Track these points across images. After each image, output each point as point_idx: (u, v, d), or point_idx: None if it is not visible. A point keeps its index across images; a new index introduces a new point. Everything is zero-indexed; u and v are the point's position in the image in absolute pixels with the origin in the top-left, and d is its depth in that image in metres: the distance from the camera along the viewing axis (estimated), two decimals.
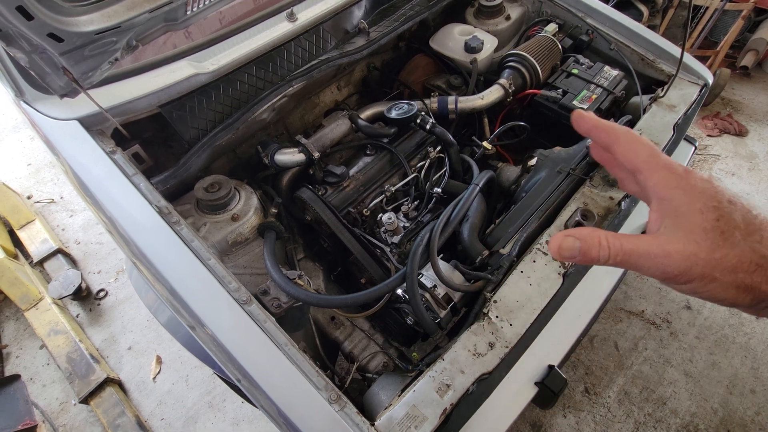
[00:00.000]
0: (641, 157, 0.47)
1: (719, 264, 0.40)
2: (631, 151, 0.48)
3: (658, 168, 0.45)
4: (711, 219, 0.41)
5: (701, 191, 0.43)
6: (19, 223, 2.70)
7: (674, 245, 0.42)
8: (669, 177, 0.45)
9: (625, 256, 0.44)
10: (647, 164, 0.46)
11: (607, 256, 0.45)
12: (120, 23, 1.03)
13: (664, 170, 0.45)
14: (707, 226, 0.41)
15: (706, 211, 0.41)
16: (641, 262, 0.44)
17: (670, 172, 0.45)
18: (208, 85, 1.37)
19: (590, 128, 0.52)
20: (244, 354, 0.95)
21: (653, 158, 0.46)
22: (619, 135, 0.49)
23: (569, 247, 0.46)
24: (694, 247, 0.41)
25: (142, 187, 1.13)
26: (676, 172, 0.45)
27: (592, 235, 0.46)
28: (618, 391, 2.06)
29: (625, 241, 0.44)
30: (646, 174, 0.46)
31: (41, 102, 1.23)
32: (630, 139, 0.48)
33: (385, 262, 1.27)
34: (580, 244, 0.46)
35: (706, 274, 0.41)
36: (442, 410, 0.94)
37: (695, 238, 0.41)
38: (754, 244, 0.40)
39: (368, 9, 1.72)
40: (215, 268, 1.04)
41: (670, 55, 1.60)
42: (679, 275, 0.42)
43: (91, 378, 2.11)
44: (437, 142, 1.55)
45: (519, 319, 1.07)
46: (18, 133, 3.46)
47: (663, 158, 0.46)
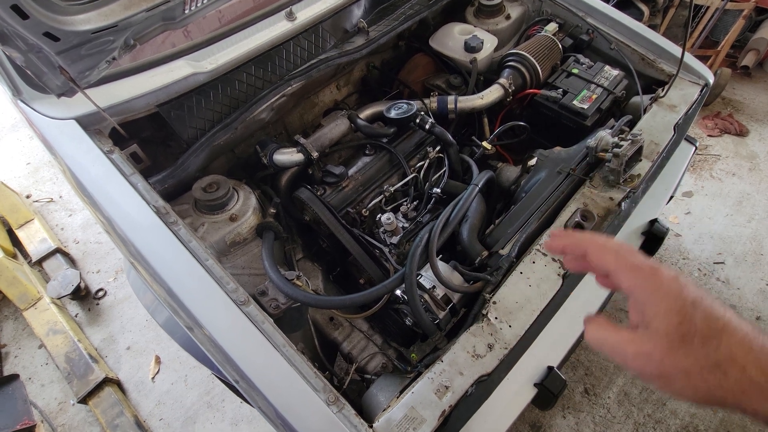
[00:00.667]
0: (610, 262, 0.51)
1: (673, 366, 0.43)
2: (601, 258, 0.52)
3: (626, 269, 0.49)
4: (674, 322, 0.44)
5: (666, 293, 0.45)
6: (18, 223, 2.70)
7: (636, 344, 0.46)
8: (636, 278, 0.48)
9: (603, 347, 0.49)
10: (616, 266, 0.50)
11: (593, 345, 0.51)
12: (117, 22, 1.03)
13: (632, 271, 0.48)
14: (669, 329, 0.44)
15: (669, 314, 0.44)
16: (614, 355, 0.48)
17: (637, 272, 0.48)
18: (206, 84, 1.36)
19: (563, 248, 0.57)
20: (241, 355, 0.95)
21: (620, 260, 0.50)
22: (587, 245, 0.54)
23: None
24: (650, 347, 0.44)
25: (140, 187, 1.13)
26: (643, 272, 0.48)
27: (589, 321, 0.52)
28: (618, 392, 2.06)
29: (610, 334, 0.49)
30: (617, 276, 0.50)
31: (38, 101, 1.22)
32: (598, 247, 0.53)
33: (384, 263, 1.27)
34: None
35: (662, 374, 0.44)
36: (441, 412, 0.94)
37: (655, 340, 0.44)
38: (709, 350, 0.42)
39: (368, 8, 1.71)
40: (213, 269, 1.03)
41: (670, 55, 1.59)
42: (641, 373, 0.46)
43: (90, 378, 2.10)
44: (437, 142, 1.55)
45: (518, 320, 1.07)
46: (17, 132, 3.45)
47: (630, 259, 0.49)
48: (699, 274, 2.41)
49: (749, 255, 2.47)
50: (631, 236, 1.30)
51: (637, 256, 0.50)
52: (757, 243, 2.52)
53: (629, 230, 1.29)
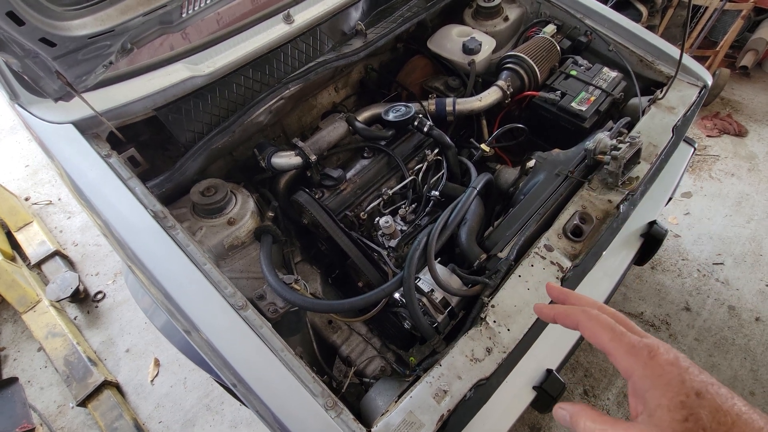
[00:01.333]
0: (604, 341, 0.48)
1: None
2: (594, 336, 0.49)
3: (622, 353, 0.46)
4: (678, 419, 0.41)
5: (667, 383, 0.42)
6: (17, 225, 2.70)
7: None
8: (635, 364, 0.45)
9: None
10: (611, 348, 0.47)
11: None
12: (114, 27, 1.03)
13: (629, 356, 0.45)
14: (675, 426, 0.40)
15: (673, 408, 0.41)
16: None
17: (636, 358, 0.45)
18: (204, 87, 1.36)
19: (554, 317, 0.54)
20: (239, 359, 0.95)
21: (615, 341, 0.47)
22: (579, 319, 0.51)
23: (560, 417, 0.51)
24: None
25: (138, 191, 1.13)
26: (640, 356, 0.45)
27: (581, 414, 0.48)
28: (617, 393, 2.05)
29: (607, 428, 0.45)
30: (615, 359, 0.47)
31: (36, 105, 1.22)
32: (589, 323, 0.50)
33: (382, 266, 1.26)
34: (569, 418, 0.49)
35: None
36: (439, 416, 0.93)
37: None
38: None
39: (365, 10, 1.71)
40: (211, 273, 1.03)
41: (669, 57, 1.59)
42: None
43: (89, 381, 2.10)
44: (435, 145, 1.54)
45: (517, 323, 1.06)
46: (15, 135, 3.45)
47: (625, 340, 0.46)
48: (698, 275, 2.41)
49: (748, 255, 2.47)
50: (630, 238, 1.30)
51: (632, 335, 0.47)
52: (756, 243, 2.52)
53: (628, 232, 1.29)
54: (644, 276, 2.43)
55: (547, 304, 0.58)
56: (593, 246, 1.19)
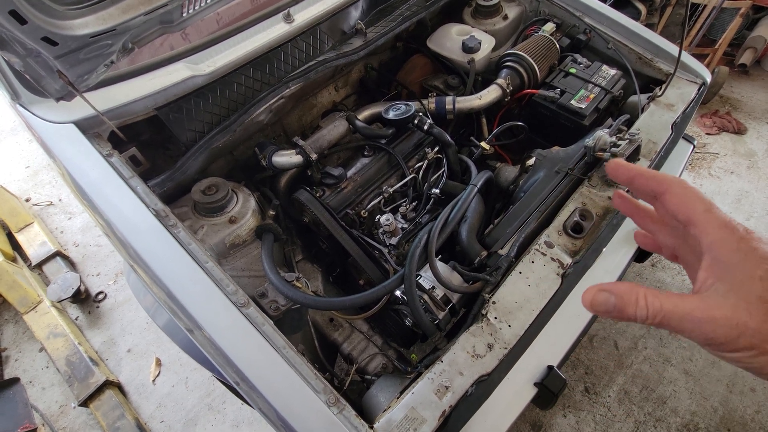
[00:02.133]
0: (698, 211, 0.44)
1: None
2: (686, 203, 0.45)
3: (717, 225, 0.42)
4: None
5: (762, 257, 0.39)
6: (18, 226, 2.70)
7: (722, 311, 0.39)
8: (729, 237, 0.41)
9: (665, 318, 0.42)
10: (705, 219, 0.43)
11: (645, 316, 0.42)
12: (115, 26, 1.03)
13: (724, 229, 0.42)
14: (765, 295, 0.38)
15: (766, 279, 0.38)
16: (683, 325, 0.41)
17: (731, 233, 0.41)
18: (204, 87, 1.36)
19: (633, 176, 0.49)
20: (242, 357, 0.95)
21: (711, 213, 0.43)
22: (671, 184, 0.46)
23: (602, 302, 0.45)
24: (745, 315, 0.38)
25: (139, 190, 1.13)
26: (737, 232, 0.41)
27: (630, 292, 0.43)
28: (618, 391, 2.06)
29: (666, 301, 0.42)
30: (703, 229, 0.43)
31: (37, 105, 1.23)
32: (684, 189, 0.45)
33: (383, 264, 1.27)
34: (615, 300, 0.44)
35: (755, 345, 0.38)
36: (441, 412, 0.94)
37: (748, 307, 0.38)
38: None
39: (365, 9, 1.71)
40: (213, 271, 1.03)
41: (668, 54, 1.60)
42: (725, 344, 0.39)
43: (91, 381, 2.10)
44: (435, 143, 1.55)
45: (518, 320, 1.07)
46: (16, 136, 3.45)
47: (722, 215, 0.43)
48: None
49: None
50: (630, 235, 1.30)
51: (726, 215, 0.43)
52: None
53: (628, 229, 1.30)
54: (644, 273, 2.44)
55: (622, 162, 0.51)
56: (593, 242, 1.19)
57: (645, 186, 0.48)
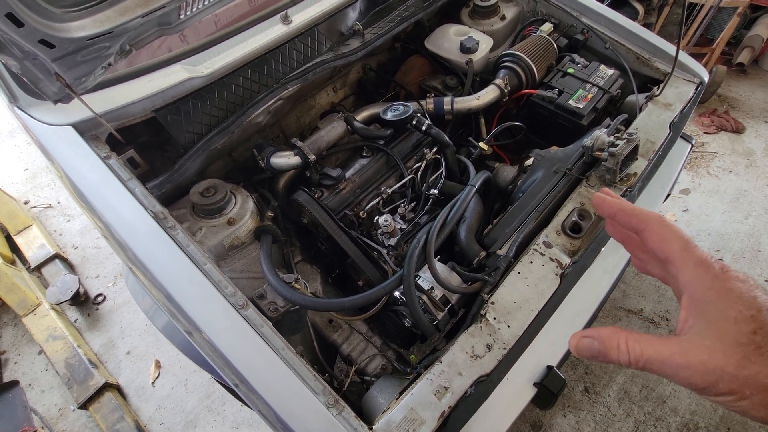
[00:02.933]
0: (674, 249, 0.44)
1: (749, 382, 0.37)
2: (664, 241, 0.45)
3: (692, 264, 0.42)
4: (746, 331, 0.38)
5: (738, 296, 0.39)
6: (16, 229, 2.70)
7: (698, 356, 0.39)
8: (704, 276, 0.41)
9: (647, 364, 0.42)
10: (681, 257, 0.43)
11: (627, 361, 0.43)
12: (112, 28, 1.03)
13: (699, 267, 0.42)
14: (741, 339, 0.38)
15: (741, 321, 0.38)
16: (664, 371, 0.41)
17: (706, 271, 0.41)
18: (202, 88, 1.36)
19: (615, 212, 0.50)
20: (240, 359, 0.95)
21: (687, 252, 0.43)
22: (650, 222, 0.46)
23: (587, 347, 0.46)
24: (721, 360, 0.38)
25: (138, 192, 1.13)
26: (711, 270, 0.41)
27: (612, 337, 0.44)
28: (618, 390, 2.06)
29: (646, 347, 0.42)
30: (679, 268, 0.43)
31: (35, 108, 1.22)
32: (662, 228, 0.46)
33: (382, 265, 1.27)
34: (599, 346, 0.44)
35: (735, 390, 0.37)
36: (441, 413, 0.94)
37: (724, 350, 0.38)
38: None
39: (363, 10, 1.71)
40: (211, 273, 1.03)
41: (665, 54, 1.60)
42: (705, 389, 0.39)
43: (90, 383, 2.10)
44: (433, 143, 1.55)
45: (517, 320, 1.07)
46: (14, 138, 3.45)
47: (697, 252, 0.43)
48: None
49: (747, 252, 2.48)
50: None
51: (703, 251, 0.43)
52: (754, 239, 2.53)
53: None
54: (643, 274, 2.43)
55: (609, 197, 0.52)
56: (592, 242, 1.19)
57: (626, 222, 0.49)
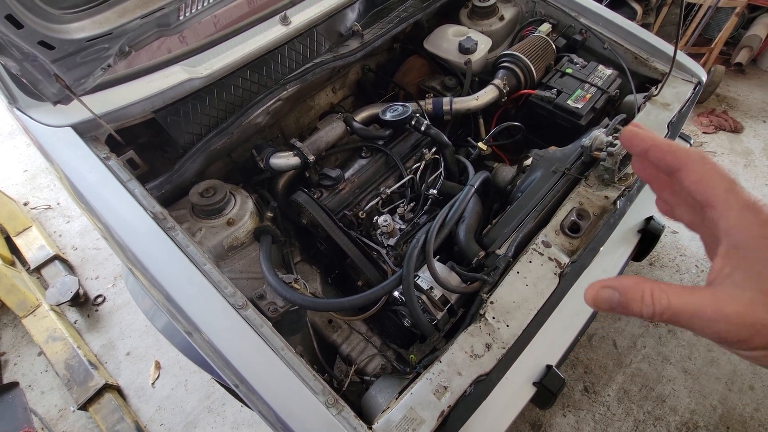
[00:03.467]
0: (717, 191, 0.39)
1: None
2: (705, 181, 0.40)
3: (738, 207, 0.37)
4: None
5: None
6: (16, 230, 2.69)
7: (735, 307, 0.35)
8: (751, 221, 0.37)
9: (674, 316, 0.37)
10: (725, 200, 0.38)
11: (651, 313, 0.38)
12: (112, 30, 1.03)
13: (746, 211, 0.37)
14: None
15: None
16: (693, 323, 0.37)
17: (755, 216, 0.37)
18: (202, 89, 1.37)
19: (648, 147, 0.44)
20: (240, 359, 0.95)
21: (732, 193, 0.38)
22: (690, 159, 0.41)
23: (606, 299, 0.41)
24: (761, 312, 0.34)
25: (137, 193, 1.13)
26: (761, 215, 0.37)
27: (635, 287, 0.39)
28: (617, 390, 2.06)
29: (674, 297, 0.37)
30: (722, 212, 0.38)
31: (34, 109, 1.23)
32: (703, 166, 0.40)
33: (381, 265, 1.27)
34: (620, 297, 0.40)
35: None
36: (440, 412, 0.94)
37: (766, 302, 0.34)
38: None
39: (362, 11, 1.72)
40: (211, 273, 1.03)
41: (663, 54, 1.61)
42: (738, 342, 0.36)
43: (90, 384, 2.10)
44: (432, 144, 1.55)
45: (516, 319, 1.07)
46: (14, 140, 3.45)
47: (745, 195, 0.38)
48: (696, 271, 2.42)
49: None
50: (627, 234, 1.30)
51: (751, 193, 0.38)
52: None
53: (625, 228, 1.30)
54: (643, 272, 2.44)
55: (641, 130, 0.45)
56: (591, 242, 1.20)
57: (660, 160, 0.43)
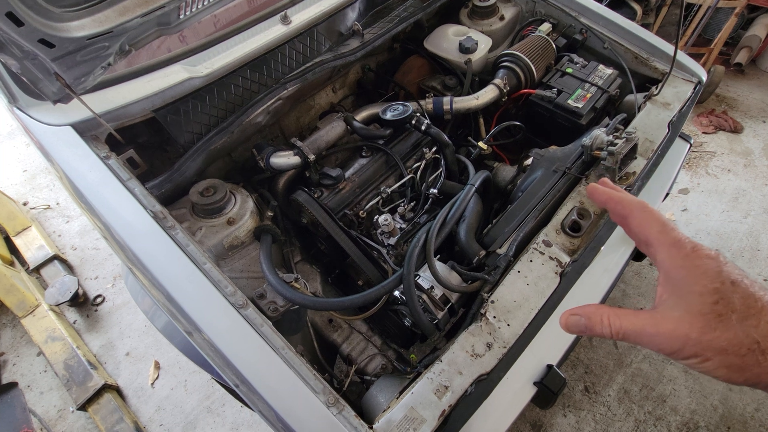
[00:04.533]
0: (652, 232, 0.49)
1: (710, 345, 0.42)
2: (643, 225, 0.50)
3: (666, 244, 0.47)
4: (709, 302, 0.43)
5: (704, 272, 0.44)
6: (15, 230, 2.69)
7: (667, 325, 0.44)
8: (675, 255, 0.46)
9: (625, 335, 0.47)
10: (657, 239, 0.48)
11: (609, 333, 0.48)
12: (112, 28, 1.03)
13: (672, 247, 0.47)
14: (704, 308, 0.43)
15: (705, 293, 0.43)
16: (639, 339, 0.47)
17: (678, 250, 0.46)
18: (202, 88, 1.36)
19: (605, 201, 0.56)
20: (241, 359, 0.95)
21: (663, 234, 0.48)
22: (633, 208, 0.52)
23: (575, 323, 0.52)
24: (686, 327, 0.43)
25: (137, 192, 1.13)
26: (683, 250, 0.46)
27: (596, 313, 0.50)
28: (618, 390, 2.06)
29: (624, 320, 0.48)
30: (656, 248, 0.49)
31: (34, 108, 1.22)
32: (642, 213, 0.51)
33: (382, 264, 1.27)
34: (585, 321, 0.50)
35: (698, 353, 0.43)
36: (441, 412, 0.94)
37: (690, 319, 0.43)
38: (749, 329, 0.41)
39: (362, 11, 1.72)
40: (211, 273, 1.03)
41: (663, 53, 1.61)
42: (672, 353, 0.44)
43: (89, 384, 2.09)
44: (433, 143, 1.55)
45: (517, 319, 1.07)
46: (13, 140, 3.44)
47: (673, 234, 0.48)
48: None
49: (746, 251, 2.49)
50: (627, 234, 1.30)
51: (680, 232, 0.48)
52: (753, 239, 2.53)
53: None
54: (643, 272, 2.44)
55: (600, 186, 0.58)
56: (591, 241, 1.19)
57: (614, 210, 0.55)
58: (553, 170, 1.35)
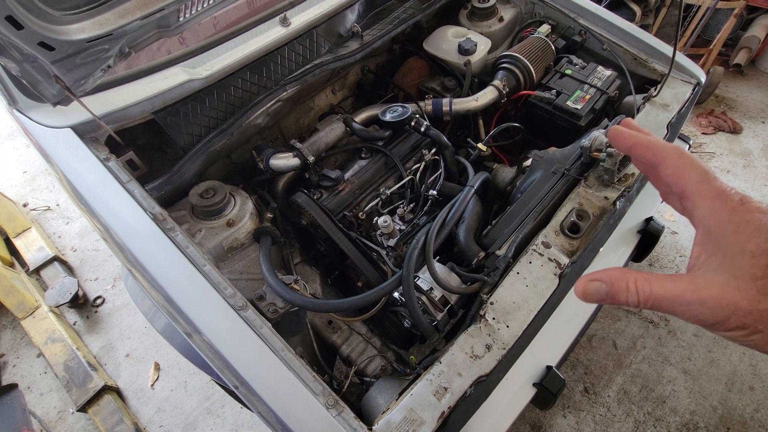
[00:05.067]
0: (690, 182, 0.42)
1: (764, 316, 0.35)
2: (679, 174, 0.43)
3: (709, 196, 0.40)
4: (763, 264, 0.36)
5: (756, 229, 0.37)
6: (15, 231, 2.69)
7: (710, 291, 0.37)
8: (720, 209, 0.39)
9: (656, 303, 0.40)
10: (697, 191, 0.41)
11: (636, 301, 0.41)
12: (112, 31, 1.03)
13: (716, 200, 0.39)
14: (757, 272, 0.36)
15: (759, 254, 0.36)
16: (675, 309, 0.40)
17: (723, 203, 0.39)
18: (201, 90, 1.37)
19: (632, 145, 0.47)
20: (240, 360, 0.95)
21: (704, 184, 0.41)
22: (666, 154, 0.44)
23: (594, 291, 0.44)
24: (734, 294, 0.36)
25: (137, 194, 1.13)
26: (729, 203, 0.39)
27: (621, 278, 0.42)
28: (617, 391, 2.06)
29: (656, 286, 0.40)
30: (695, 201, 0.41)
31: (34, 110, 1.23)
32: (678, 160, 0.43)
33: (381, 266, 1.27)
34: (607, 288, 0.43)
35: (748, 324, 0.36)
36: (440, 413, 0.94)
37: (738, 285, 0.36)
38: None
39: (361, 13, 1.72)
40: (211, 274, 1.03)
41: (662, 55, 1.61)
42: (716, 324, 0.38)
43: (89, 386, 2.09)
44: (432, 145, 1.55)
45: (516, 320, 1.07)
46: (13, 141, 3.45)
47: (716, 184, 0.40)
48: None
49: None
50: (626, 235, 1.31)
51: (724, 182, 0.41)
52: None
53: (625, 229, 1.30)
54: None
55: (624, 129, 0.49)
56: (590, 242, 1.20)
57: (642, 156, 0.46)
58: (552, 171, 1.36)
